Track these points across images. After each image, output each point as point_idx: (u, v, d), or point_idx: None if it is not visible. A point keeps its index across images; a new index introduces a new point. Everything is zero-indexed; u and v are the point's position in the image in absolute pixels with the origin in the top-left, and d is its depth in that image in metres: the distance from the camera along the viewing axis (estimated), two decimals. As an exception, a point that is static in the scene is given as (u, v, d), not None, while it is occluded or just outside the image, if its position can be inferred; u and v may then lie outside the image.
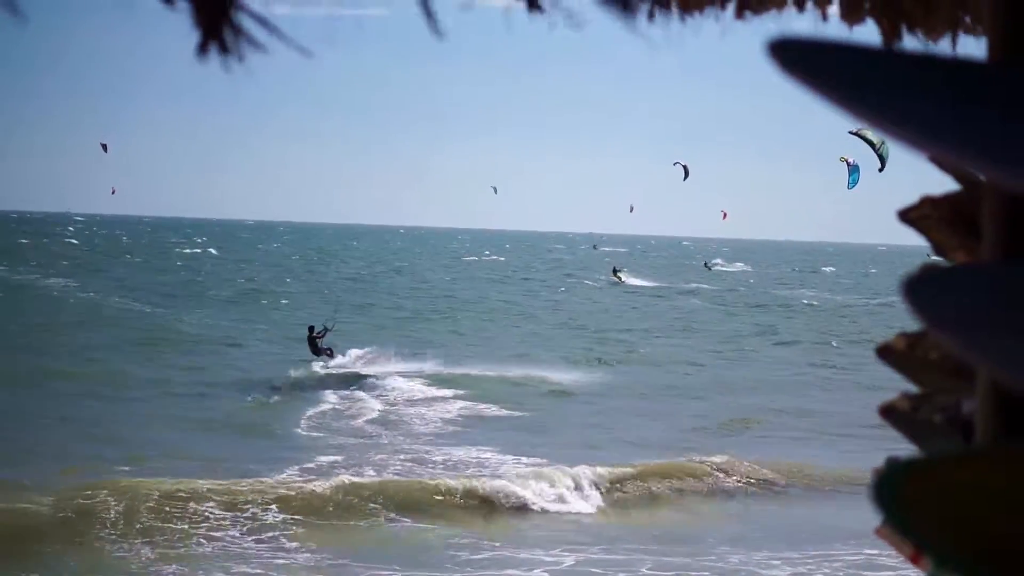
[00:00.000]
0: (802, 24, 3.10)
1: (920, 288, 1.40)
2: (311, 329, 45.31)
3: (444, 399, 37.81)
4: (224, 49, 2.25)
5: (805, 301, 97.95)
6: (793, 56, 1.48)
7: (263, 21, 2.26)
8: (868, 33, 2.96)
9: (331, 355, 44.02)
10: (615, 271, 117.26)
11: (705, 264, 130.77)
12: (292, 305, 67.01)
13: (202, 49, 2.25)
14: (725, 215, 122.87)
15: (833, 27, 3.02)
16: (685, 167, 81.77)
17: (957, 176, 2.47)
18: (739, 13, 3.03)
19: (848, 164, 57.65)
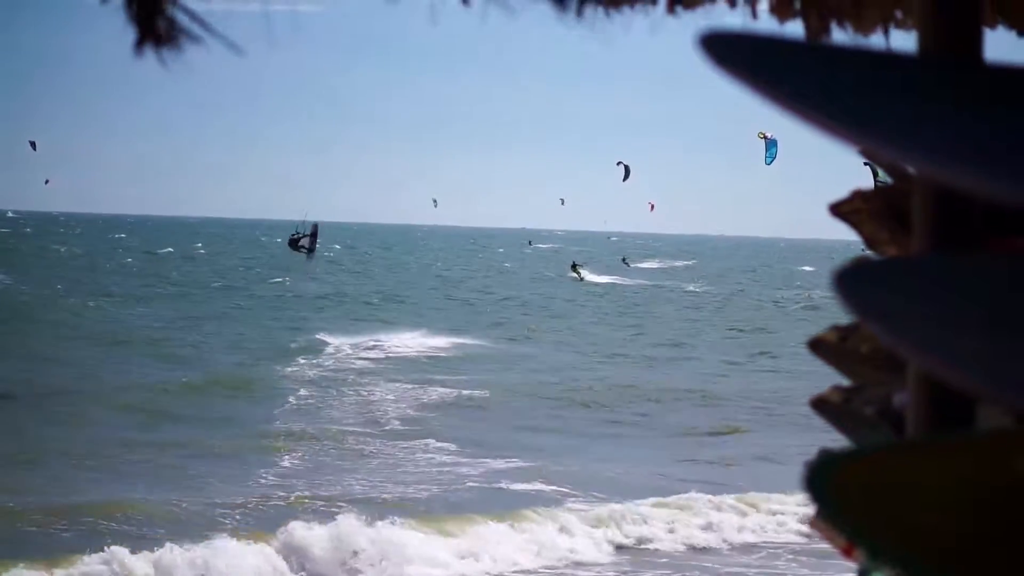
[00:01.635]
0: (733, 19, 3.12)
1: (851, 281, 1.40)
2: (292, 236, 50.04)
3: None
4: (160, 44, 2.23)
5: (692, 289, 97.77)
6: (725, 50, 1.48)
7: (197, 16, 2.25)
8: (799, 28, 2.98)
9: (307, 242, 48.81)
10: (574, 267, 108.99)
11: (623, 260, 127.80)
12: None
13: (139, 45, 2.24)
14: (652, 206, 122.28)
15: (764, 22, 3.04)
16: (627, 167, 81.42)
17: (888, 170, 2.48)
18: (670, 8, 3.04)
19: (766, 139, 57.72)
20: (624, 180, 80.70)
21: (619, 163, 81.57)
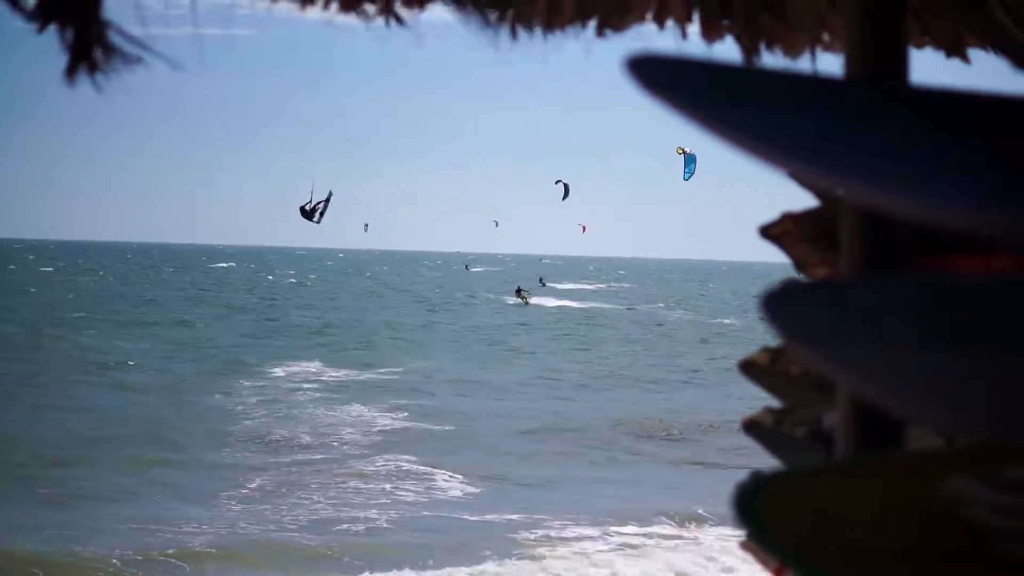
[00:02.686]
0: (663, 42, 3.13)
1: (779, 303, 1.40)
2: (302, 208, 51.72)
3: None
4: (94, 69, 2.22)
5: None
6: (652, 73, 1.48)
7: (132, 38, 2.23)
8: (728, 50, 2.99)
9: (319, 213, 49.04)
10: (519, 291, 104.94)
11: (540, 280, 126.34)
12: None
13: (71, 71, 2.22)
14: (584, 229, 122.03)
15: (694, 45, 3.05)
16: (566, 186, 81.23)
17: (817, 192, 2.50)
18: (599, 31, 3.04)
19: (685, 154, 57.88)
20: (564, 199, 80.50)
21: (558, 181, 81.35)
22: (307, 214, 50.88)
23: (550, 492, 27.20)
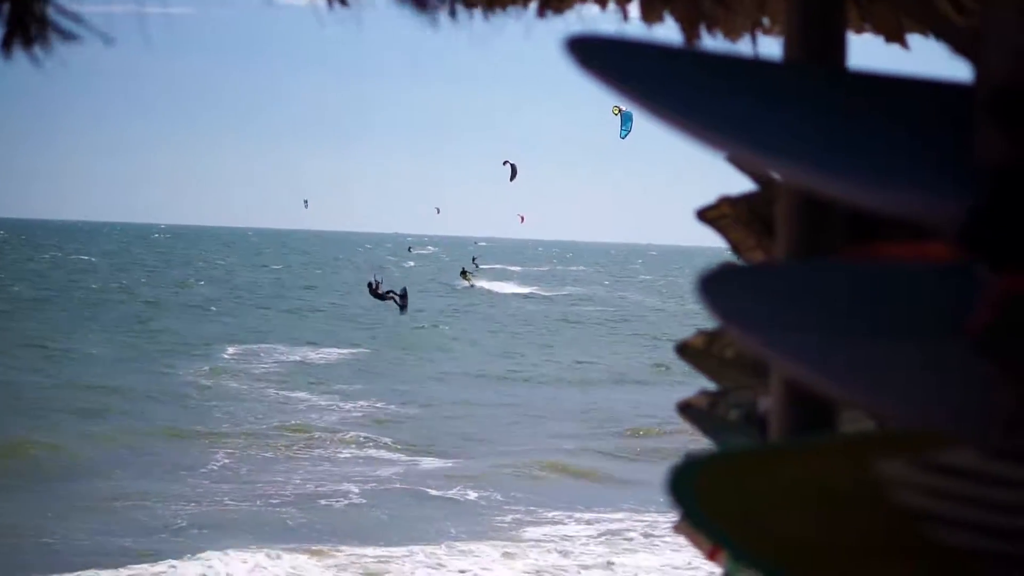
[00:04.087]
0: (604, 24, 3.12)
1: (714, 286, 1.40)
2: (369, 284, 52.45)
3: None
4: (30, 43, 2.19)
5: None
6: (590, 53, 1.48)
7: (68, 13, 2.21)
8: (669, 33, 2.99)
9: (396, 298, 50.52)
10: (464, 273, 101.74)
11: (473, 260, 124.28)
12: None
13: (6, 44, 2.20)
14: (523, 219, 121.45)
15: (634, 27, 3.05)
16: (513, 166, 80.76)
17: (754, 176, 2.50)
18: (541, 12, 3.04)
19: (620, 113, 57.79)
20: (511, 179, 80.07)
21: (505, 162, 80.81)
22: (378, 295, 53.09)
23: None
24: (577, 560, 21.43)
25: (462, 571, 20.70)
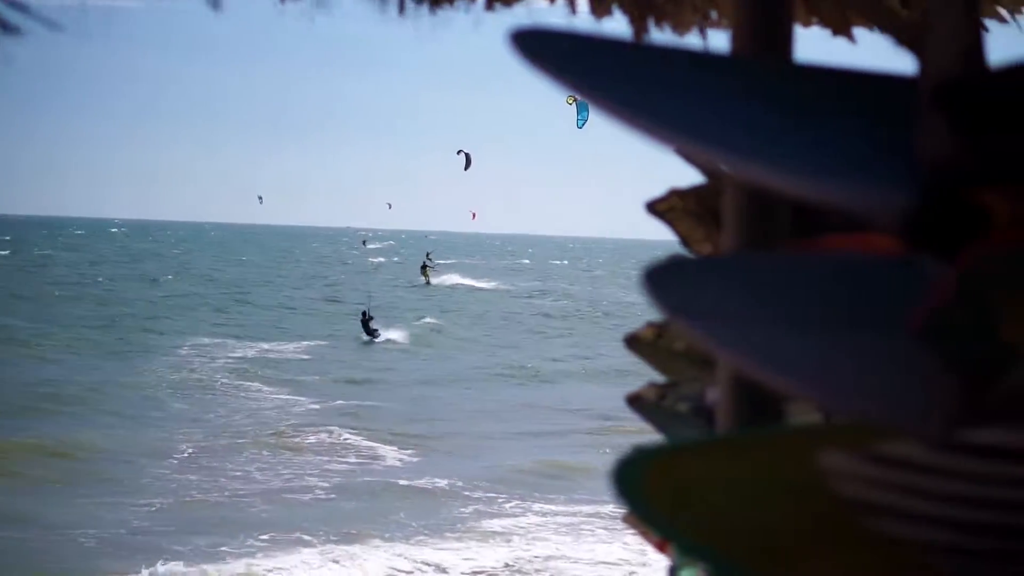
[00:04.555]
0: (553, 17, 3.12)
1: (661, 278, 1.40)
2: (363, 314, 53.78)
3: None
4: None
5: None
6: (536, 47, 1.47)
7: (12, 3, 2.19)
8: (617, 26, 2.99)
9: (376, 335, 51.46)
10: (424, 269, 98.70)
11: (428, 256, 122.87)
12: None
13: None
14: (474, 215, 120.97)
15: (583, 20, 3.05)
16: (468, 156, 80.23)
17: (703, 169, 2.51)
18: (489, 5, 3.03)
19: (575, 102, 57.78)
20: (466, 168, 79.57)
21: (460, 152, 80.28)
22: (367, 328, 54.40)
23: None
24: (543, 551, 21.50)
25: (427, 563, 20.76)
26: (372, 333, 54.41)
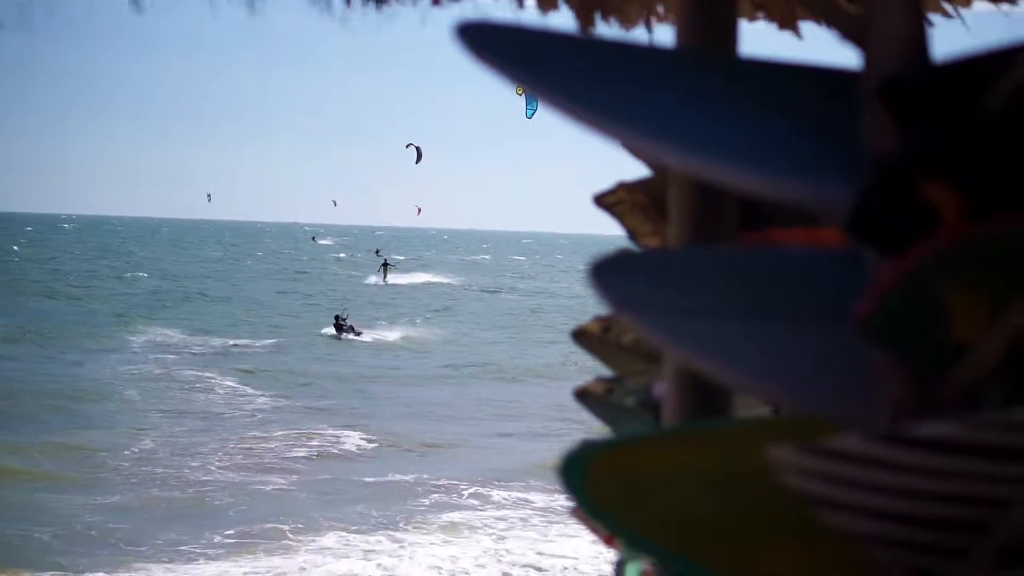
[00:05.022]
0: (499, 11, 3.12)
1: (607, 272, 1.40)
2: (336, 318, 53.92)
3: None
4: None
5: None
6: (481, 40, 1.47)
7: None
8: (564, 20, 2.99)
9: (356, 332, 51.38)
10: (385, 266, 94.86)
11: (377, 252, 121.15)
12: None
13: None
14: (420, 211, 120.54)
15: (529, 14, 3.04)
16: (418, 149, 79.63)
17: (649, 163, 2.51)
18: (436, 0, 3.03)
19: (524, 92, 58.01)
20: (417, 162, 79.00)
21: (409, 145, 79.58)
22: (340, 328, 54.86)
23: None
24: (509, 543, 21.53)
25: (391, 555, 20.76)
26: (350, 330, 54.63)
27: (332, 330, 53.77)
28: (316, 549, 20.79)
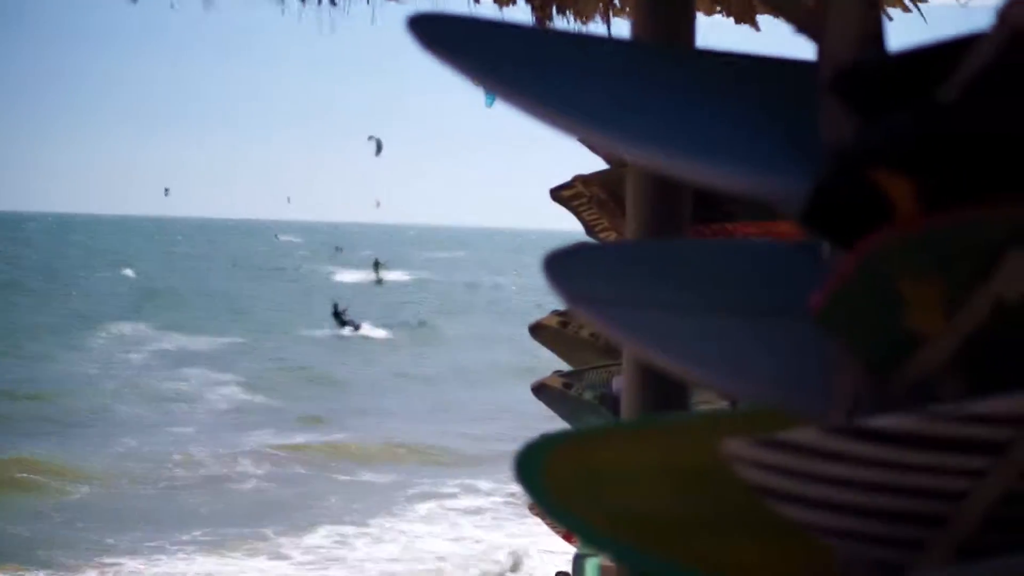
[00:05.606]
0: (455, 4, 3.11)
1: (561, 266, 1.39)
2: (335, 307, 52.97)
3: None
4: None
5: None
6: (435, 33, 1.45)
7: None
8: (521, 14, 2.98)
9: (356, 325, 50.94)
10: (376, 265, 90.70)
11: (337, 249, 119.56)
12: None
13: None
14: (379, 203, 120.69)
15: (486, 8, 3.03)
16: (379, 141, 78.79)
17: (606, 157, 2.50)
18: (391, -7, 3.02)
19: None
20: (377, 154, 78.19)
21: (370, 137, 78.70)
22: (340, 319, 54.22)
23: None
24: (479, 538, 21.52)
25: (368, 546, 20.74)
26: (349, 324, 54.04)
27: (332, 324, 53.12)
28: (296, 547, 20.77)
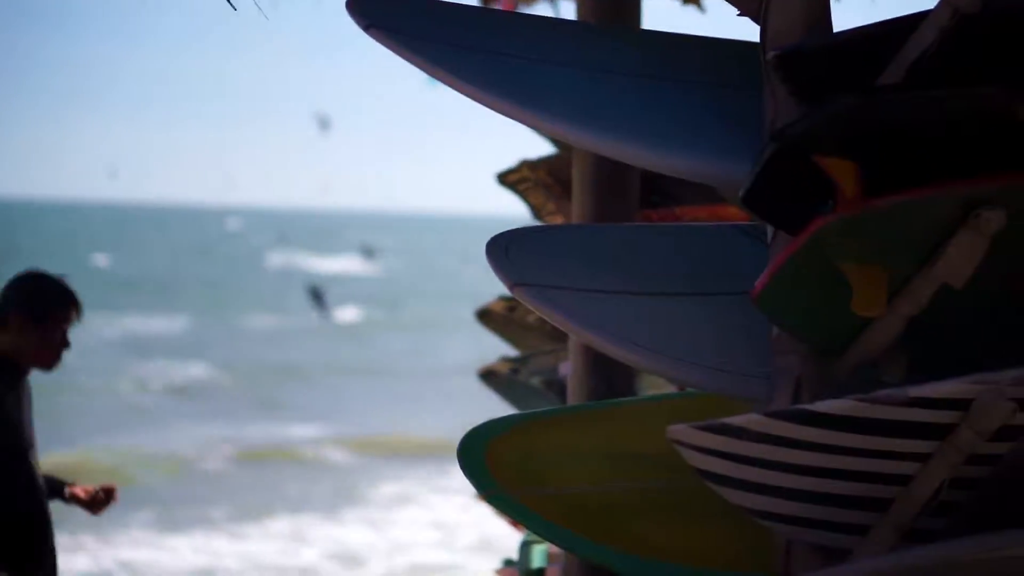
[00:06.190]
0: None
1: (505, 250, 1.38)
2: (314, 290, 51.47)
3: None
4: None
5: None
6: (374, 14, 1.43)
7: None
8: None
9: (326, 310, 50.96)
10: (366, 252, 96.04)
11: (279, 237, 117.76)
12: None
13: None
14: (325, 187, 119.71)
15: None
16: (323, 118, 78.29)
17: (553, 140, 2.49)
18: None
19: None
20: (323, 129, 77.78)
21: (315, 113, 78.15)
22: (319, 299, 53.63)
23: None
24: (456, 531, 21.42)
25: (331, 534, 20.60)
26: (323, 307, 53.54)
27: (303, 309, 52.62)
28: (255, 536, 20.63)
